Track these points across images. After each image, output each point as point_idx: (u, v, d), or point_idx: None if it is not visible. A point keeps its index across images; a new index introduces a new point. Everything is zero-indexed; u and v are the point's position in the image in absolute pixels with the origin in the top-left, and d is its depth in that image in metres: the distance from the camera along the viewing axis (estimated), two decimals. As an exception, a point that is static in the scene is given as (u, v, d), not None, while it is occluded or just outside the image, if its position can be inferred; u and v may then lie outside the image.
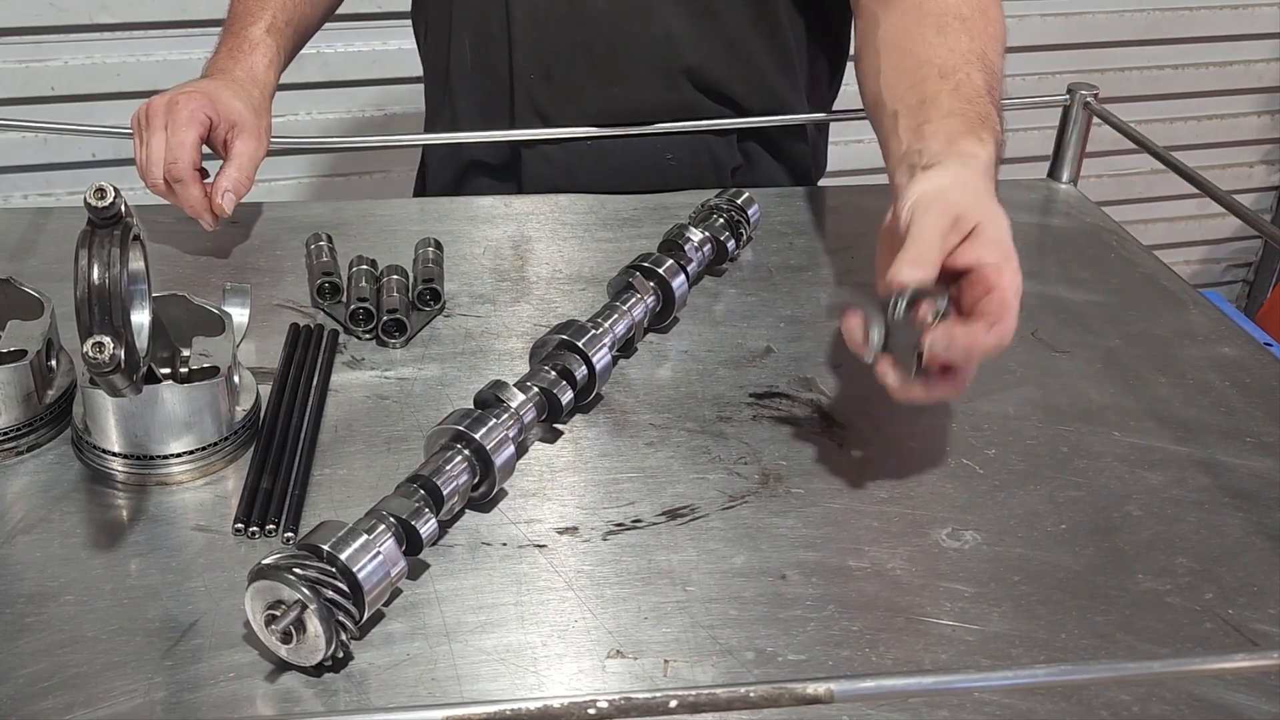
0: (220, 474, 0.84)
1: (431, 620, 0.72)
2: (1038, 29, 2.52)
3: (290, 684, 0.68)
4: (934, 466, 0.87)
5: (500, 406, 0.83)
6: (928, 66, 0.94)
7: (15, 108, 2.00)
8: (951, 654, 0.71)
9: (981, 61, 0.94)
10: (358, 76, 2.17)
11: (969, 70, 0.93)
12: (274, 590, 0.66)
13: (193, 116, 1.04)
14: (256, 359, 0.96)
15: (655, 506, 0.82)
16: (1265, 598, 0.76)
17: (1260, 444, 0.91)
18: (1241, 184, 2.85)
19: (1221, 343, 1.05)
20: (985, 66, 0.94)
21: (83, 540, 0.77)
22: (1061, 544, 0.80)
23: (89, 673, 0.67)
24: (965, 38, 0.96)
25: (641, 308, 0.98)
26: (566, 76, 1.23)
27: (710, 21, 1.21)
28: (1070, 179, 1.34)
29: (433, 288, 1.04)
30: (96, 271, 0.67)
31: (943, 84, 0.92)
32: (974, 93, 0.91)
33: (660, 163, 1.26)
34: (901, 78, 0.95)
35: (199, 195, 1.04)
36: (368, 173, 2.28)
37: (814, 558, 0.78)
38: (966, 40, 0.96)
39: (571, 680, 0.69)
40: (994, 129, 0.89)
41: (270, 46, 1.17)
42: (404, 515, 0.73)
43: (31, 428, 0.85)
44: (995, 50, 0.98)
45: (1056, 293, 1.12)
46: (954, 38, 0.96)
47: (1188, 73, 2.67)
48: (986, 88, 0.92)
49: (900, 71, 0.96)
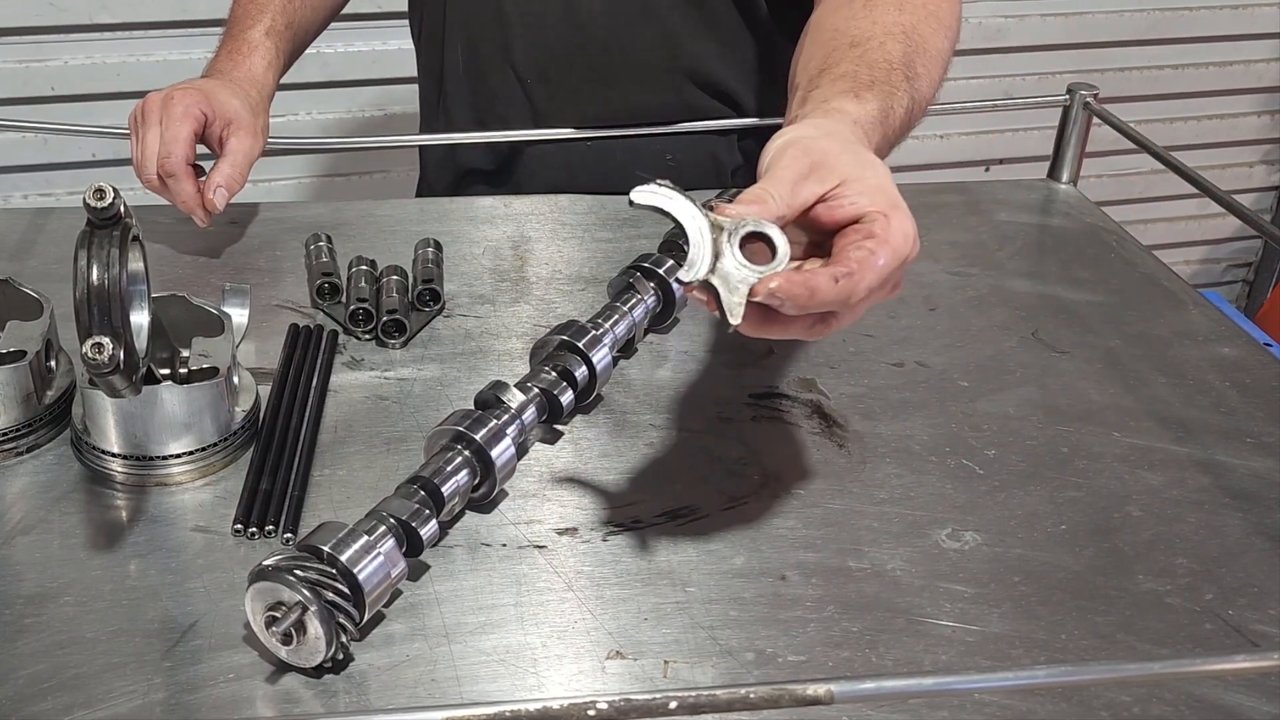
0: (220, 475, 0.84)
1: (431, 621, 0.72)
2: (1038, 29, 2.52)
3: (290, 685, 0.68)
4: (934, 467, 0.87)
5: (500, 407, 0.83)
6: (841, 37, 0.87)
7: (15, 108, 2.00)
8: (952, 655, 0.71)
9: (906, 35, 0.86)
10: (358, 76, 2.17)
11: (885, 40, 0.85)
12: (274, 591, 0.66)
13: (187, 112, 1.04)
14: (256, 359, 0.96)
15: (655, 507, 0.82)
16: (1265, 598, 0.76)
17: (1260, 444, 0.91)
18: (1241, 184, 2.85)
19: (1221, 343, 1.05)
20: (909, 39, 0.86)
21: (82, 541, 0.77)
22: (1061, 544, 0.80)
23: (88, 674, 0.67)
24: (894, 11, 0.88)
25: (642, 308, 0.97)
26: (565, 79, 1.23)
27: (707, 21, 1.20)
28: (1070, 179, 1.34)
29: (432, 288, 1.04)
30: (96, 272, 0.67)
31: (850, 52, 0.84)
32: (881, 60, 0.83)
33: (660, 164, 1.26)
34: (815, 50, 0.88)
35: (192, 191, 1.04)
36: (367, 173, 2.28)
37: (814, 558, 0.78)
38: (894, 14, 0.88)
39: (571, 681, 0.69)
40: (887, 94, 0.80)
41: (269, 49, 1.17)
42: (404, 516, 0.73)
43: (31, 428, 0.85)
44: (931, 26, 0.89)
45: (1056, 293, 1.12)
46: (880, 10, 0.89)
47: (1188, 73, 2.67)
48: (903, 59, 0.84)
49: (815, 45, 0.89)
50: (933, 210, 1.27)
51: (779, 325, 0.68)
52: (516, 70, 1.24)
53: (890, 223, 0.68)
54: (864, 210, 0.69)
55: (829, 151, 0.71)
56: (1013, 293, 1.12)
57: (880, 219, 0.69)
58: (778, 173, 0.70)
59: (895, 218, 0.69)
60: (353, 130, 2.20)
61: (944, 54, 0.91)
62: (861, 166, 0.71)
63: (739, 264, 0.66)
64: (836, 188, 0.69)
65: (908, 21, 0.88)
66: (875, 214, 0.69)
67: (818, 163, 0.70)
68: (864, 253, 0.67)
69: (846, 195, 0.69)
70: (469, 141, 1.29)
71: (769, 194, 0.68)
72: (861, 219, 0.69)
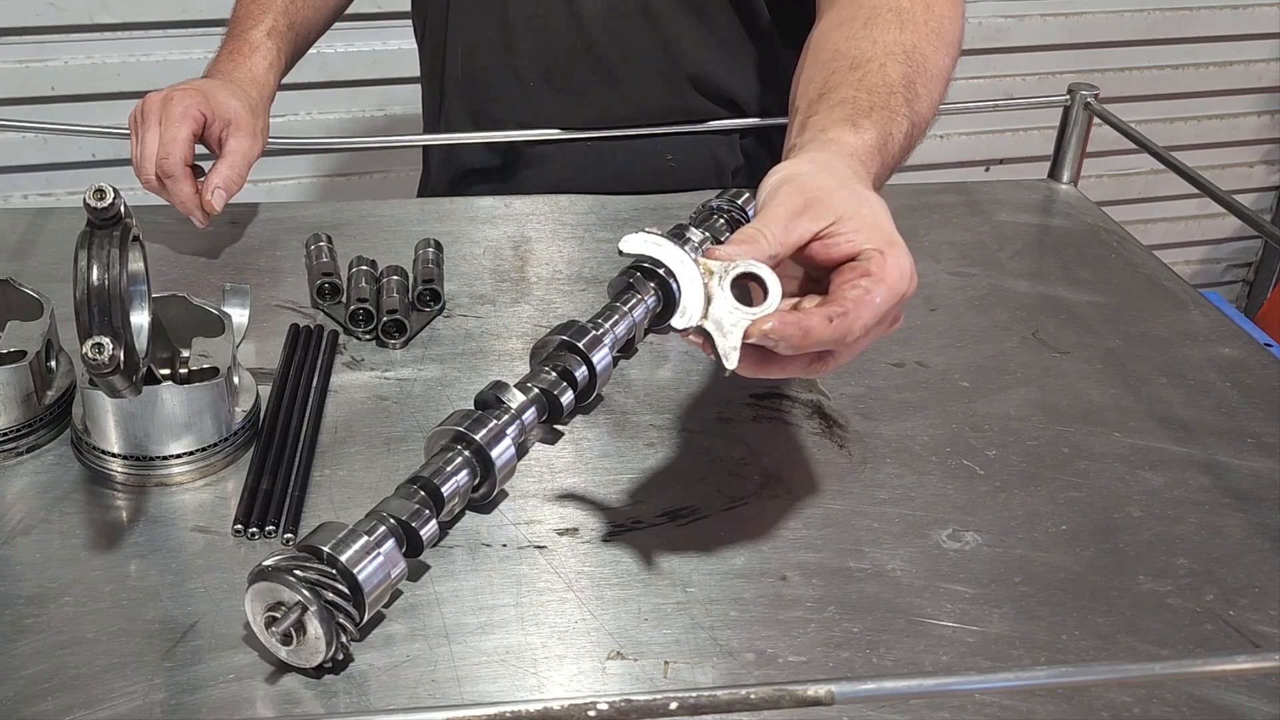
0: (220, 475, 0.84)
1: (431, 622, 0.72)
2: (1038, 29, 2.52)
3: (290, 685, 0.68)
4: (934, 468, 0.87)
5: (501, 407, 0.83)
6: (841, 58, 0.85)
7: (15, 107, 2.00)
8: (952, 655, 0.71)
9: (907, 55, 0.85)
10: (358, 76, 2.17)
11: (885, 61, 0.84)
12: (274, 592, 0.66)
13: (186, 113, 1.04)
14: (256, 360, 0.96)
15: (656, 507, 0.82)
16: (1266, 599, 0.76)
17: (1261, 444, 0.91)
18: (1241, 184, 2.85)
19: (1222, 343, 1.05)
20: (910, 59, 0.85)
21: (82, 541, 0.77)
22: (1062, 545, 0.80)
23: (88, 674, 0.67)
24: (895, 30, 0.87)
25: (642, 308, 0.97)
26: (567, 82, 1.23)
27: (709, 26, 1.20)
28: (1071, 179, 1.34)
29: (432, 288, 1.04)
30: (96, 272, 0.67)
31: (850, 75, 0.83)
32: (881, 84, 0.82)
33: (661, 164, 1.26)
34: (816, 72, 0.86)
35: (190, 192, 1.04)
36: (367, 173, 2.28)
37: (814, 559, 0.78)
38: (895, 32, 0.86)
39: (572, 682, 0.69)
40: (886, 119, 0.79)
41: (271, 49, 1.17)
42: (404, 516, 0.73)
43: (31, 429, 0.85)
44: (932, 44, 0.88)
45: (1057, 293, 1.12)
46: (882, 29, 0.87)
47: (1188, 73, 2.67)
48: (903, 80, 0.83)
49: (816, 66, 0.87)
50: (933, 210, 1.27)
51: (776, 365, 0.68)
52: (519, 73, 1.24)
53: (887, 260, 0.68)
54: (860, 248, 0.68)
55: (824, 188, 0.70)
56: (1013, 293, 1.11)
57: (876, 256, 0.68)
58: (771, 210, 0.69)
59: (892, 255, 0.68)
60: (353, 130, 2.20)
61: (945, 72, 0.90)
62: (858, 203, 0.70)
63: (731, 307, 0.66)
64: (831, 225, 0.69)
65: (909, 40, 0.86)
66: (871, 251, 0.68)
67: (813, 200, 0.69)
68: (859, 291, 0.67)
69: (842, 233, 0.69)
70: (470, 141, 1.29)
71: (761, 234, 0.68)
72: (858, 256, 0.69)
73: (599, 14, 1.20)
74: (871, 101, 0.80)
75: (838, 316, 0.65)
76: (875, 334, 0.68)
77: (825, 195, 0.70)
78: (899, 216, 0.72)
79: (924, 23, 0.88)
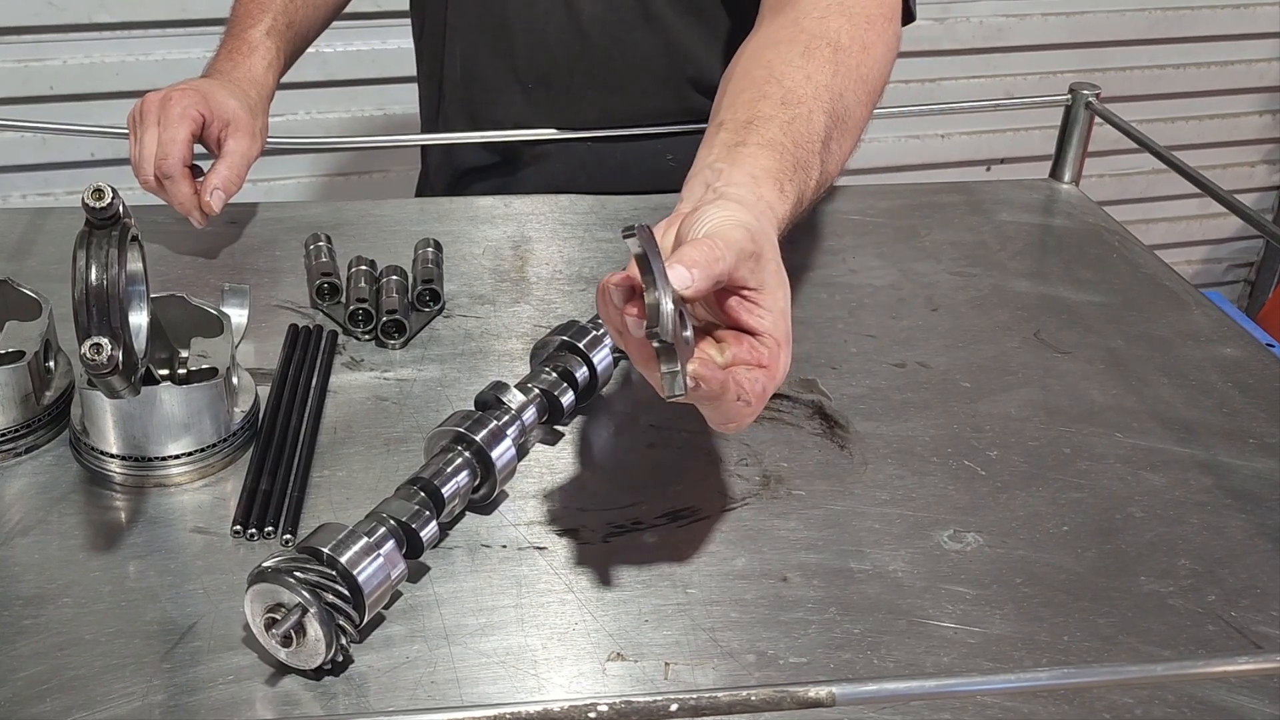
0: (219, 476, 0.83)
1: (431, 623, 0.72)
2: (1039, 28, 2.52)
3: (289, 687, 0.67)
4: (936, 468, 0.87)
5: (501, 408, 0.83)
6: (773, 86, 0.85)
7: (14, 107, 2.00)
8: (953, 657, 0.71)
9: (834, 102, 0.85)
10: (358, 76, 2.17)
11: (813, 108, 0.84)
12: (274, 593, 0.66)
13: (185, 113, 1.04)
14: (255, 360, 0.96)
15: (656, 508, 0.82)
16: (1268, 599, 0.76)
17: (1263, 445, 0.91)
18: (1243, 184, 2.85)
19: (1223, 343, 1.05)
20: (834, 109, 0.85)
21: (81, 542, 0.77)
22: (1064, 546, 0.80)
23: (87, 675, 0.67)
24: (829, 70, 0.86)
25: (642, 308, 0.97)
26: (566, 84, 1.23)
27: (708, 28, 1.20)
28: (1072, 179, 1.34)
29: (432, 288, 1.04)
30: (94, 272, 0.67)
31: (780, 112, 0.82)
32: (806, 136, 0.82)
33: (661, 165, 1.26)
34: (746, 87, 0.85)
35: (188, 192, 1.04)
36: (367, 173, 2.28)
37: (815, 560, 0.78)
38: (828, 73, 0.86)
39: (572, 683, 0.69)
40: (803, 184, 0.81)
41: (270, 49, 1.17)
42: (404, 518, 0.73)
43: (29, 429, 0.84)
44: (857, 94, 0.88)
45: (1058, 293, 1.12)
46: (816, 65, 0.86)
47: (1189, 72, 2.67)
48: (824, 135, 0.83)
49: (748, 80, 0.86)
50: (934, 210, 1.26)
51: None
52: (518, 75, 1.24)
53: (779, 358, 0.70)
54: (766, 331, 0.70)
55: (764, 253, 0.70)
56: (1014, 293, 1.11)
57: (774, 348, 0.70)
58: (729, 236, 0.68)
59: (784, 354, 0.70)
60: (352, 130, 2.20)
61: (862, 123, 0.90)
62: (780, 283, 0.71)
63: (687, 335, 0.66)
64: (756, 291, 0.70)
65: (838, 86, 0.86)
66: (772, 341, 0.70)
67: (757, 255, 0.69)
68: (754, 377, 0.68)
69: (761, 306, 0.70)
70: (468, 142, 1.29)
71: (722, 255, 0.67)
72: (759, 338, 0.70)
73: (598, 17, 1.19)
74: (796, 158, 0.80)
75: (734, 385, 0.67)
76: (734, 410, 0.69)
77: (764, 260, 0.70)
78: (900, 216, 0.72)
79: (855, 67, 0.88)
